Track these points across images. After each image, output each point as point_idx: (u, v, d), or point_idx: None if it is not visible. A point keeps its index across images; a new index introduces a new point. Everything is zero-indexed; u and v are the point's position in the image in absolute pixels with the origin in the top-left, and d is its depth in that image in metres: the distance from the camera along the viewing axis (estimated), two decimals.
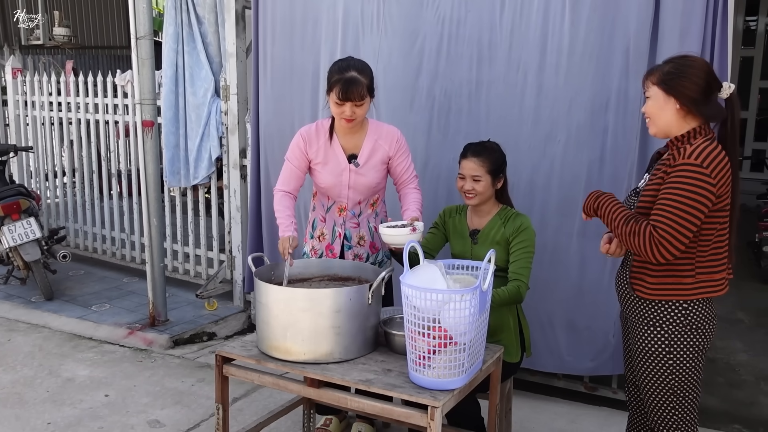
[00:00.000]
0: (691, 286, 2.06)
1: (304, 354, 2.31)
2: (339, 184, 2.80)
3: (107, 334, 4.38)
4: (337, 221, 2.89)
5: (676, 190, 1.97)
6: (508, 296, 2.56)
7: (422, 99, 3.58)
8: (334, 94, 2.62)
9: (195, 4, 4.55)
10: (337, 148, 2.79)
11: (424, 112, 3.58)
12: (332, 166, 2.79)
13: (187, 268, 5.16)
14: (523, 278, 2.60)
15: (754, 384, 3.76)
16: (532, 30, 3.28)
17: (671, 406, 2.14)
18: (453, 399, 2.13)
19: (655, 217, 2.00)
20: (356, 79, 2.60)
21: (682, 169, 1.98)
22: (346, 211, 2.86)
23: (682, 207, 1.96)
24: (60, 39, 9.52)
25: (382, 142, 2.81)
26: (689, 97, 2.04)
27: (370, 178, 2.80)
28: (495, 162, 2.69)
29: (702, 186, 1.95)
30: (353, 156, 2.79)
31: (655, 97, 2.09)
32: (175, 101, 4.70)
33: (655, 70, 2.12)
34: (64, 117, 5.81)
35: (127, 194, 5.52)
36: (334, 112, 2.69)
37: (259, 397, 3.54)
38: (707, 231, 2.04)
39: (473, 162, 2.68)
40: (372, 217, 2.91)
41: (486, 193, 2.70)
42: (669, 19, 2.99)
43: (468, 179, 2.68)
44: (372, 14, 3.67)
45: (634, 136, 3.13)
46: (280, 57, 4.06)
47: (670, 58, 2.13)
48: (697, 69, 2.05)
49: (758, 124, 9.19)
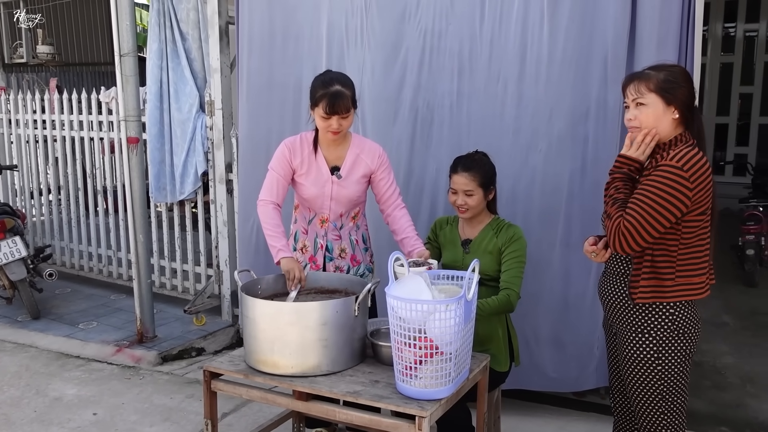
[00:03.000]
0: (670, 288, 2.08)
1: (291, 367, 2.31)
2: (321, 195, 2.82)
3: (95, 352, 4.35)
4: (318, 233, 2.90)
5: (651, 188, 2.01)
6: (498, 305, 2.57)
7: (405, 111, 3.60)
8: (320, 109, 2.66)
9: (179, 20, 4.57)
10: (321, 160, 2.81)
11: (408, 124, 3.60)
12: (315, 177, 2.81)
13: (174, 284, 5.14)
14: (514, 287, 2.62)
15: (740, 386, 3.79)
16: (511, 40, 3.31)
17: (659, 411, 2.15)
18: (440, 408, 2.15)
19: (627, 209, 2.03)
20: (341, 92, 2.64)
21: (663, 169, 2.01)
22: (328, 223, 2.87)
23: (652, 204, 1.99)
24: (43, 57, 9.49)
25: (364, 157, 2.84)
26: (687, 105, 2.07)
27: (351, 190, 2.82)
28: (486, 175, 2.71)
29: (677, 188, 1.98)
30: (336, 168, 2.82)
31: (653, 104, 2.06)
32: (160, 117, 4.70)
33: (645, 77, 2.08)
34: (48, 135, 5.79)
35: (113, 211, 5.50)
36: (320, 126, 2.73)
37: (248, 412, 3.53)
38: (687, 233, 2.06)
39: (464, 177, 2.68)
40: (353, 230, 2.92)
41: (479, 206, 2.72)
42: (646, 27, 3.04)
43: (460, 194, 2.69)
44: (356, 28, 3.70)
45: (614, 145, 3.16)
46: (257, 71, 4.06)
47: (658, 65, 2.12)
48: (688, 77, 2.10)
49: (739, 129, 9.31)
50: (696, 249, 2.09)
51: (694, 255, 2.09)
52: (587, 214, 3.22)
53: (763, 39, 8.91)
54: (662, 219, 1.99)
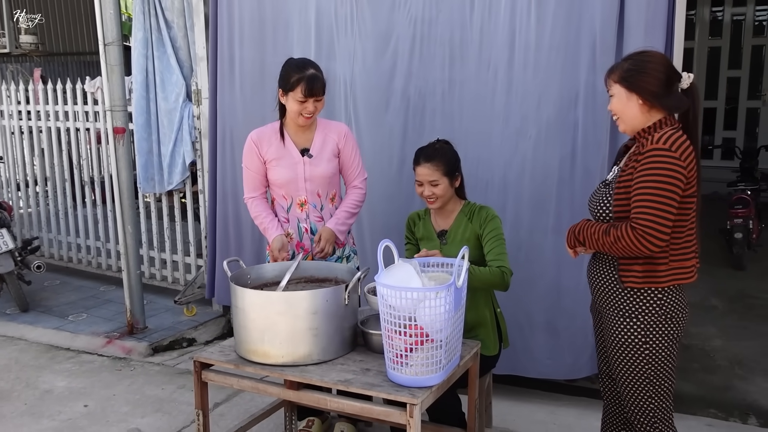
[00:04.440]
0: (664, 273, 2.09)
1: (282, 357, 2.31)
2: (295, 177, 2.87)
3: (85, 344, 4.33)
4: (300, 217, 2.92)
5: (649, 178, 2.01)
6: (491, 275, 2.55)
7: (397, 100, 3.60)
8: (297, 92, 2.73)
9: (163, 8, 4.52)
10: (290, 144, 2.89)
11: (400, 113, 3.60)
12: (286, 161, 2.87)
13: (164, 275, 5.12)
14: (504, 263, 2.60)
15: (728, 369, 3.83)
16: (500, 27, 3.30)
17: (647, 395, 2.17)
18: (431, 396, 2.15)
19: (634, 211, 2.03)
20: (317, 75, 2.74)
21: (652, 154, 2.02)
22: (307, 205, 2.90)
23: (658, 193, 1.99)
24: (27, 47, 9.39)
25: (331, 135, 2.92)
26: (650, 91, 2.08)
27: (323, 168, 2.88)
28: (449, 163, 2.69)
29: (673, 169, 1.99)
30: (306, 150, 2.88)
31: (618, 95, 2.14)
32: (147, 107, 4.66)
33: (615, 69, 2.17)
34: (33, 125, 5.73)
35: (101, 202, 5.47)
36: (294, 110, 2.79)
37: (240, 402, 3.53)
38: (680, 217, 2.07)
39: (427, 168, 2.67)
40: (334, 211, 2.95)
41: (446, 194, 2.71)
42: (634, 12, 3.03)
43: (426, 185, 2.68)
44: (346, 16, 3.68)
45: (604, 131, 3.16)
46: (249, 60, 4.05)
47: (629, 54, 2.19)
48: (656, 63, 2.10)
49: (727, 113, 9.35)
50: (689, 232, 2.11)
51: (685, 239, 2.10)
52: (578, 199, 3.23)
53: (751, 23, 8.93)
54: (671, 202, 2.00)
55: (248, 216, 4.23)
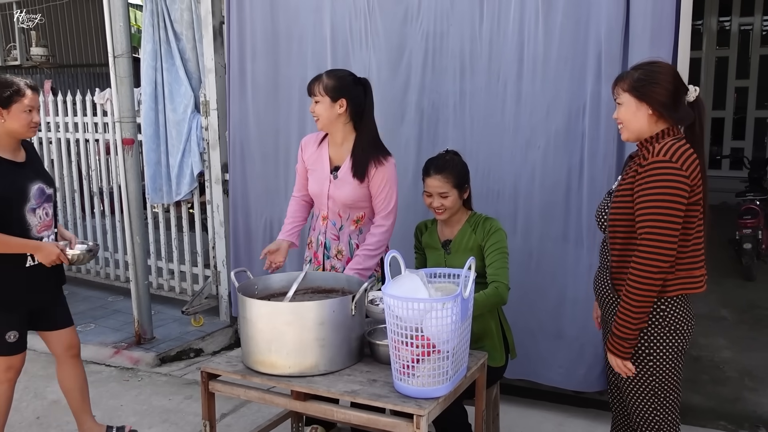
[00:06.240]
0: (671, 282, 2.07)
1: (289, 367, 2.31)
2: (321, 192, 2.86)
3: (93, 354, 4.34)
4: (320, 230, 2.92)
5: (651, 191, 2.00)
6: (486, 299, 2.55)
7: (412, 112, 3.65)
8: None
9: (173, 20, 4.56)
10: (325, 156, 2.87)
11: (414, 125, 3.65)
12: (318, 174, 2.87)
13: (172, 285, 5.13)
14: (502, 279, 2.60)
15: (738, 380, 3.80)
16: (509, 39, 3.34)
17: (653, 407, 2.16)
18: (438, 407, 2.14)
19: (640, 228, 2.02)
20: (319, 76, 2.77)
21: (653, 168, 2.01)
22: (327, 221, 2.89)
23: (661, 206, 1.98)
24: (37, 59, 9.48)
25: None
26: (660, 102, 2.08)
27: (346, 191, 2.80)
28: (459, 175, 2.69)
29: (676, 180, 1.98)
30: (337, 168, 2.83)
31: (627, 103, 2.13)
32: (155, 118, 4.69)
33: (624, 77, 2.15)
34: (44, 137, 5.78)
35: (109, 212, 5.50)
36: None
37: (247, 412, 3.53)
38: (685, 225, 2.05)
39: (437, 180, 2.67)
40: (356, 234, 2.89)
41: (455, 206, 2.71)
42: (639, 23, 3.03)
43: (435, 196, 2.68)
44: (360, 30, 3.73)
45: (611, 140, 3.16)
46: (262, 72, 4.10)
47: (638, 64, 2.17)
48: (666, 74, 2.10)
49: (735, 123, 9.32)
50: (696, 241, 2.09)
51: (692, 247, 2.08)
52: (586, 208, 3.24)
53: (758, 32, 8.92)
54: (676, 213, 1.99)
55: (259, 229, 4.29)
